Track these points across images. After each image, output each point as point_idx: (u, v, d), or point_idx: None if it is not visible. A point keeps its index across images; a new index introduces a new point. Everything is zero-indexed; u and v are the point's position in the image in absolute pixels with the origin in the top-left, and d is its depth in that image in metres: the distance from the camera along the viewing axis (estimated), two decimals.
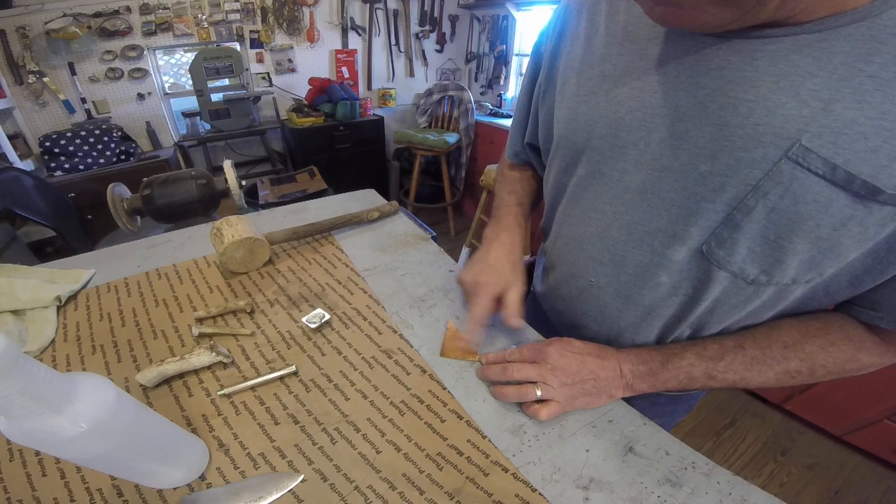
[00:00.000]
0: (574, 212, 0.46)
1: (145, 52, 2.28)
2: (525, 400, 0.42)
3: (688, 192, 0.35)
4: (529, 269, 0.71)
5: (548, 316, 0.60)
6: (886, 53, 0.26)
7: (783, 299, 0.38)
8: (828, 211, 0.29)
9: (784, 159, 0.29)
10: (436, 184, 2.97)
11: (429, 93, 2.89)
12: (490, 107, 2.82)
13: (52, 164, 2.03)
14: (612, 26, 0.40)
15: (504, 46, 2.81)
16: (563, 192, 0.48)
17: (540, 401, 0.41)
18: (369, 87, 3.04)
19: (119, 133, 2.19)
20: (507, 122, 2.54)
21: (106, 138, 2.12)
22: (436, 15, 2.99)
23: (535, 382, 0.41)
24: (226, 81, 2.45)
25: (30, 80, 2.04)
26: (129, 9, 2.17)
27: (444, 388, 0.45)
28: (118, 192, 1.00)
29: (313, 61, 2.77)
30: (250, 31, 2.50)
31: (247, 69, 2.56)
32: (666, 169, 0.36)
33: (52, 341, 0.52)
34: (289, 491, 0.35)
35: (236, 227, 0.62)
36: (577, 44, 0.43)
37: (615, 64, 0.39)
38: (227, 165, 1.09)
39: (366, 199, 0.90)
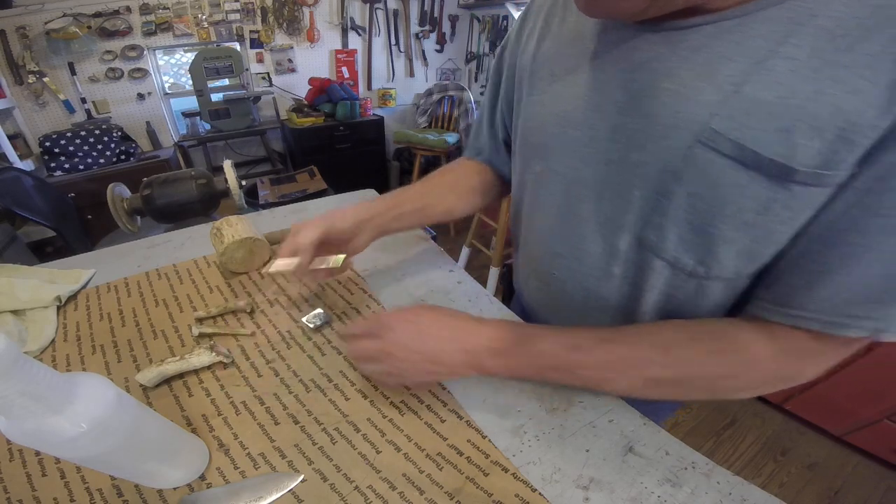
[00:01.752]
0: (535, 208, 0.48)
1: (145, 52, 2.29)
2: (366, 373, 0.44)
3: (624, 182, 0.36)
4: (510, 272, 0.71)
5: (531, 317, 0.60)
6: (804, 34, 0.26)
7: (733, 294, 0.37)
8: (746, 194, 0.29)
9: (696, 143, 0.30)
10: None
11: (429, 93, 2.89)
12: None
13: (52, 164, 2.04)
14: (563, 28, 0.41)
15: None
16: (525, 189, 0.49)
17: None
18: (369, 87, 3.04)
19: (119, 133, 2.19)
20: None
21: (106, 138, 2.12)
22: (436, 15, 2.99)
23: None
24: (226, 81, 2.45)
25: (30, 80, 2.04)
26: (129, 9, 2.18)
27: (445, 388, 0.45)
28: (118, 192, 1.00)
29: (313, 61, 2.77)
30: (250, 31, 2.51)
31: (247, 69, 2.56)
32: (609, 161, 0.37)
33: (52, 341, 0.52)
34: (289, 491, 0.35)
35: (236, 227, 0.63)
36: (531, 44, 0.45)
37: (564, 64, 0.40)
38: (227, 165, 1.09)
39: (366, 199, 0.90)
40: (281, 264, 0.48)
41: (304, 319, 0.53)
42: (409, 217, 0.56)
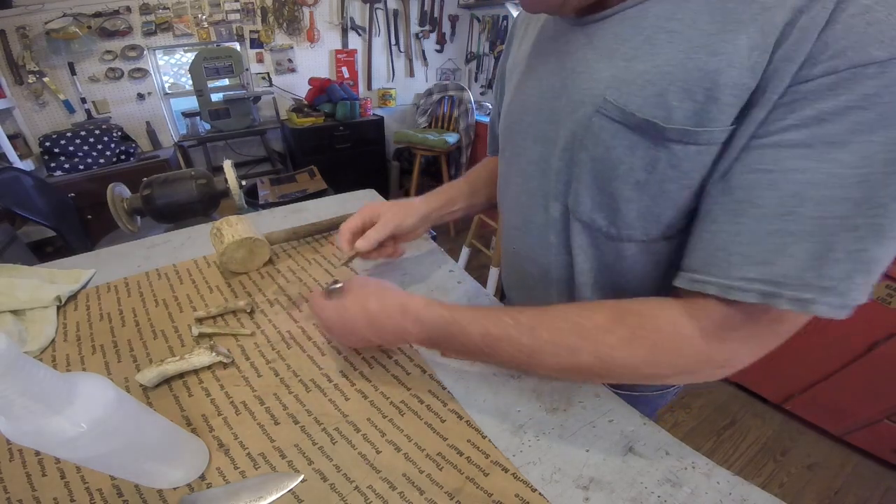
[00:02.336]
0: (504, 188, 0.53)
1: (145, 52, 2.29)
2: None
3: (548, 155, 0.42)
4: None
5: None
6: (688, 8, 0.29)
7: (656, 262, 0.39)
8: (634, 154, 0.33)
9: (595, 114, 0.35)
10: (436, 184, 2.95)
11: (429, 93, 2.88)
12: (490, 107, 2.82)
13: (52, 164, 2.04)
14: (531, 32, 0.47)
15: (504, 46, 2.81)
16: (501, 175, 0.55)
17: None
18: (369, 87, 3.04)
19: (119, 133, 2.19)
20: None
21: (106, 138, 2.12)
22: (436, 15, 2.99)
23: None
24: (226, 81, 2.45)
25: (30, 80, 2.04)
26: (129, 9, 2.17)
27: (444, 388, 0.45)
28: (118, 192, 1.00)
29: (313, 61, 2.77)
30: (250, 31, 2.51)
31: (247, 69, 2.56)
32: (542, 139, 0.42)
33: (52, 341, 0.52)
34: (289, 491, 0.35)
35: (236, 227, 0.62)
36: (513, 51, 0.52)
37: (526, 62, 0.46)
38: (227, 165, 1.09)
39: (366, 199, 0.90)
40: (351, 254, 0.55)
41: (324, 284, 0.49)
42: (459, 212, 0.64)
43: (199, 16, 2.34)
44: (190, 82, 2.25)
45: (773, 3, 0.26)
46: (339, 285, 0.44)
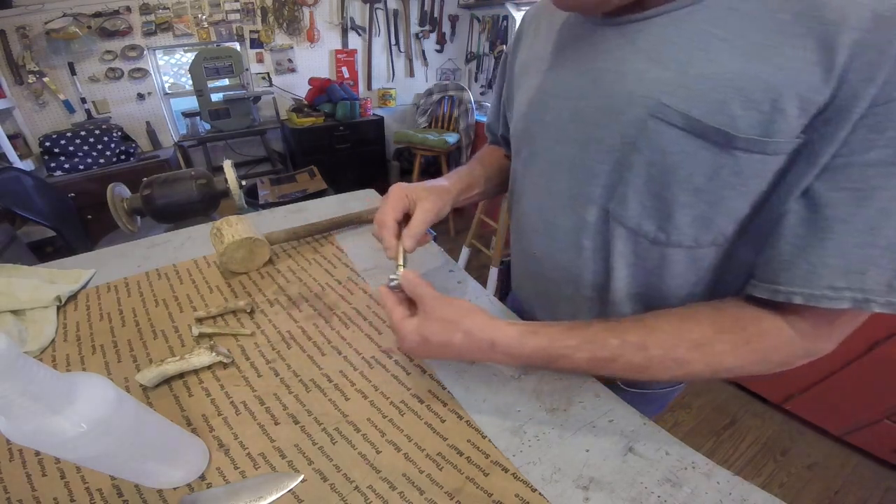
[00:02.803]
0: (522, 191, 0.51)
1: (145, 52, 2.29)
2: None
3: (589, 158, 0.40)
4: (508, 268, 0.74)
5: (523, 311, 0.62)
6: (737, 18, 0.30)
7: (700, 268, 0.39)
8: (695, 160, 0.33)
9: (650, 117, 0.34)
10: None
11: (429, 93, 2.89)
12: (490, 107, 2.82)
13: (52, 164, 2.04)
14: (549, 29, 0.46)
15: (504, 46, 2.81)
16: (516, 177, 0.53)
17: None
18: (369, 87, 3.04)
19: (119, 133, 2.19)
20: None
21: (106, 138, 2.12)
22: (436, 15, 3.00)
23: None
24: (226, 81, 2.45)
25: (30, 80, 2.04)
26: (129, 9, 2.18)
27: (444, 388, 0.45)
28: (118, 192, 1.00)
29: (313, 61, 2.77)
30: (250, 31, 2.51)
31: (247, 69, 2.56)
32: (575, 141, 0.41)
33: (52, 341, 0.52)
34: (289, 491, 0.35)
35: (236, 227, 0.63)
36: (524, 48, 0.51)
37: (546, 59, 0.45)
38: (227, 165, 1.09)
39: (366, 199, 0.90)
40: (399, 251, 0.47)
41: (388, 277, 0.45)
42: (476, 196, 0.62)
43: (199, 16, 2.34)
44: (190, 82, 2.25)
45: (833, 18, 0.26)
46: (397, 281, 0.42)
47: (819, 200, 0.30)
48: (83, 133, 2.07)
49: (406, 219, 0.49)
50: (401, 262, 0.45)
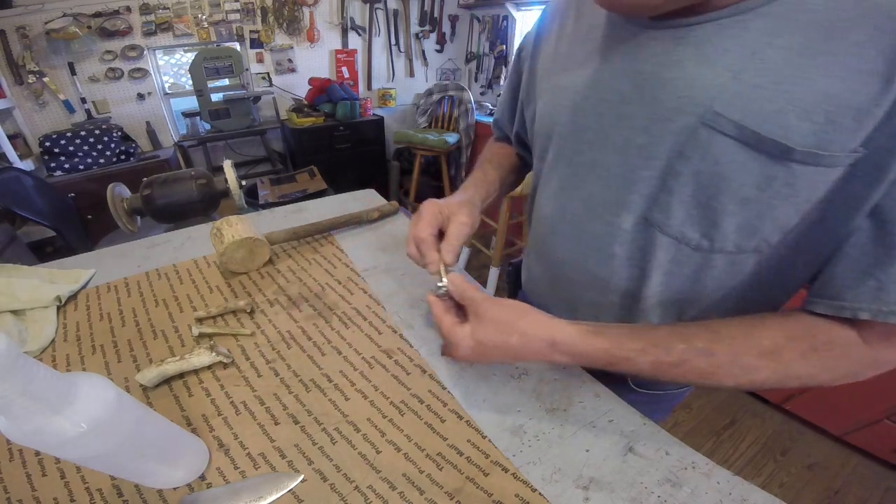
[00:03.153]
0: (544, 194, 0.50)
1: (145, 52, 2.28)
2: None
3: (629, 164, 0.38)
4: (517, 270, 0.72)
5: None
6: (794, 27, 0.29)
7: (738, 274, 0.38)
8: (746, 170, 0.32)
9: (700, 125, 0.33)
10: (436, 184, 2.97)
11: (429, 93, 2.88)
12: (490, 107, 2.82)
13: (52, 164, 2.03)
14: (577, 26, 0.44)
15: (504, 46, 2.81)
16: (539, 177, 0.52)
17: None
18: (369, 87, 3.04)
19: (119, 133, 2.19)
20: None
21: (106, 138, 2.12)
22: (436, 15, 2.99)
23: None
24: (226, 81, 2.45)
25: (30, 80, 2.04)
26: (129, 9, 2.17)
27: (444, 388, 0.45)
28: (118, 192, 1.00)
29: (313, 61, 2.77)
30: (250, 31, 2.50)
31: (247, 69, 2.56)
32: (613, 146, 0.40)
33: (52, 341, 0.52)
34: (289, 491, 0.35)
35: (236, 227, 0.63)
36: (549, 44, 0.49)
37: (576, 59, 0.43)
38: (227, 165, 1.09)
39: (366, 199, 0.90)
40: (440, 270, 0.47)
41: (438, 284, 0.45)
42: (491, 199, 0.60)
43: (199, 16, 2.34)
44: (190, 82, 2.25)
45: (891, 28, 0.26)
46: (445, 288, 0.43)
47: (887, 217, 0.29)
48: (83, 133, 2.06)
49: (440, 235, 0.48)
50: (443, 275, 0.44)
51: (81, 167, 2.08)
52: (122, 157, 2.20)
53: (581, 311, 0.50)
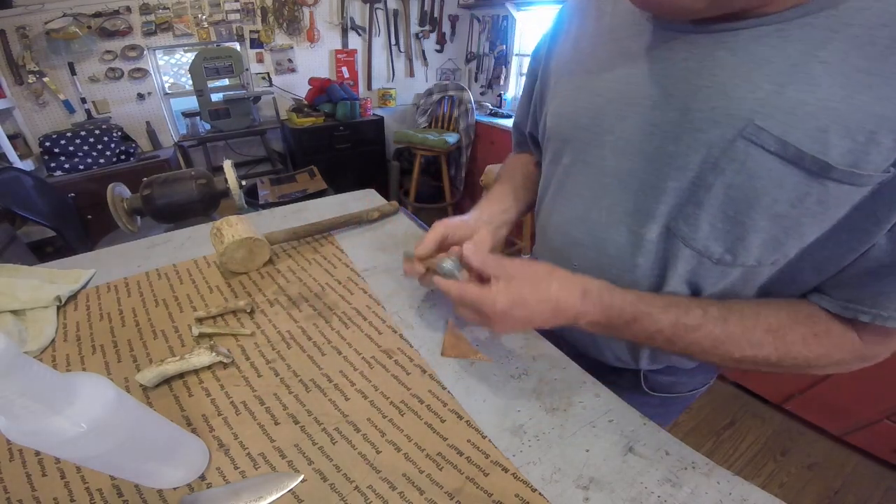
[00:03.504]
0: (559, 199, 0.49)
1: (145, 52, 2.29)
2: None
3: (658, 173, 0.37)
4: None
5: None
6: (839, 42, 0.28)
7: (750, 283, 0.38)
8: (782, 186, 0.31)
9: (739, 138, 0.31)
10: (436, 184, 2.97)
11: (429, 93, 2.89)
12: (490, 107, 2.82)
13: (52, 164, 2.04)
14: (599, 26, 0.43)
15: (504, 46, 2.81)
16: (551, 181, 0.50)
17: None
18: (369, 87, 3.04)
19: (119, 133, 2.19)
20: (507, 122, 2.54)
21: (106, 138, 2.12)
22: (436, 15, 2.99)
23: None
24: (226, 81, 2.45)
25: (30, 80, 2.04)
26: (129, 9, 2.17)
27: (444, 388, 0.45)
28: (118, 192, 1.00)
29: (313, 61, 2.77)
30: (250, 31, 2.51)
31: (247, 69, 2.56)
32: (639, 153, 0.38)
33: (52, 341, 0.52)
34: (289, 491, 0.35)
35: (236, 227, 0.62)
36: (568, 45, 0.47)
37: (599, 59, 0.42)
38: (227, 165, 1.09)
39: (366, 199, 0.90)
40: (463, 351, 0.49)
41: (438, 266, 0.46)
42: (510, 219, 0.59)
43: (199, 16, 2.34)
44: (190, 82, 2.25)
45: None
46: (449, 263, 0.42)
47: None
48: (83, 133, 2.06)
49: (443, 249, 0.49)
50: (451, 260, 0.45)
51: (81, 167, 2.08)
52: (122, 157, 2.21)
53: None
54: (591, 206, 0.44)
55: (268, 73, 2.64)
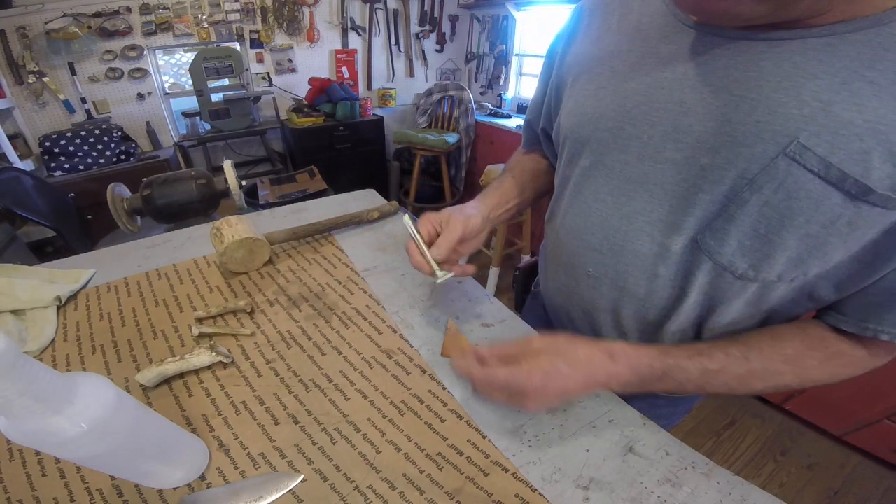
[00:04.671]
0: (576, 202, 0.47)
1: (145, 52, 2.28)
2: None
3: (688, 184, 0.36)
4: (532, 268, 0.71)
5: (547, 313, 0.61)
6: (888, 60, 0.27)
7: (766, 298, 0.38)
8: (819, 208, 0.30)
9: (781, 155, 0.30)
10: (436, 184, 2.97)
11: (429, 93, 2.88)
12: (490, 107, 2.82)
13: (52, 164, 2.03)
14: (624, 25, 0.41)
15: (504, 46, 2.81)
16: (567, 183, 0.49)
17: None
18: (369, 87, 3.04)
19: (119, 133, 2.19)
20: (507, 122, 2.54)
21: (106, 138, 2.12)
22: (436, 15, 2.99)
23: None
24: (226, 81, 2.45)
25: (30, 80, 2.04)
26: (129, 9, 2.17)
27: (444, 388, 0.45)
28: (118, 192, 1.00)
29: (313, 61, 2.77)
30: (250, 31, 2.50)
31: (247, 69, 2.56)
32: (668, 161, 0.37)
33: (52, 341, 0.52)
34: (289, 491, 0.35)
35: (236, 227, 0.62)
36: (587, 42, 0.45)
37: (625, 60, 0.40)
38: (227, 165, 1.09)
39: (366, 199, 0.90)
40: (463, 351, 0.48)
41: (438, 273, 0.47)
42: (513, 209, 0.59)
43: (199, 16, 2.34)
44: (190, 82, 2.25)
45: None
46: (444, 277, 0.45)
47: None
48: (83, 133, 2.06)
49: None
50: (436, 270, 0.47)
51: (81, 167, 2.08)
52: (122, 157, 2.20)
53: (604, 325, 0.49)
54: (612, 213, 0.42)
55: (268, 73, 2.64)
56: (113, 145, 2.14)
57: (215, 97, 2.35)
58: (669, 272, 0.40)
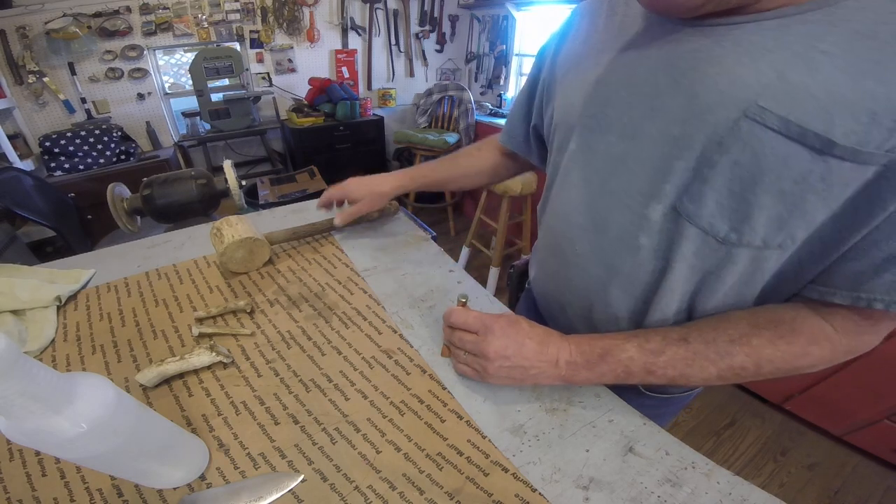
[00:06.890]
0: (565, 186, 0.50)
1: (145, 52, 2.29)
2: (456, 365, 0.48)
3: (663, 154, 0.39)
4: (527, 267, 0.72)
5: (538, 306, 0.62)
6: (838, 34, 0.30)
7: (759, 270, 0.39)
8: (786, 164, 0.32)
9: (743, 118, 0.33)
10: None
11: (429, 93, 2.88)
12: (490, 107, 2.82)
13: (52, 164, 2.03)
14: (609, 25, 0.46)
15: (504, 46, 2.81)
16: (558, 170, 0.52)
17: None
18: (369, 87, 3.04)
19: (119, 133, 2.19)
20: None
21: (106, 138, 2.12)
22: (436, 15, 2.99)
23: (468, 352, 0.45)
24: (226, 81, 2.45)
25: (30, 80, 2.04)
26: (129, 9, 2.17)
27: (444, 388, 0.45)
28: (118, 192, 1.00)
29: (313, 61, 2.77)
30: (250, 31, 2.51)
31: (247, 69, 2.56)
32: (645, 136, 0.40)
33: (52, 341, 0.52)
34: (289, 491, 0.35)
35: (236, 227, 0.62)
36: (577, 42, 0.50)
37: (608, 54, 0.44)
38: (227, 165, 1.09)
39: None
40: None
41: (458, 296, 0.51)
42: (430, 187, 0.74)
43: (199, 16, 2.34)
44: (190, 82, 2.25)
45: None
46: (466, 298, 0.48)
47: None
48: (83, 133, 2.06)
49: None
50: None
51: (81, 167, 2.08)
52: (122, 157, 2.21)
53: (595, 306, 0.50)
54: (597, 191, 0.45)
55: (268, 73, 2.64)
56: (113, 145, 2.14)
57: (215, 97, 2.35)
58: (652, 242, 0.42)
